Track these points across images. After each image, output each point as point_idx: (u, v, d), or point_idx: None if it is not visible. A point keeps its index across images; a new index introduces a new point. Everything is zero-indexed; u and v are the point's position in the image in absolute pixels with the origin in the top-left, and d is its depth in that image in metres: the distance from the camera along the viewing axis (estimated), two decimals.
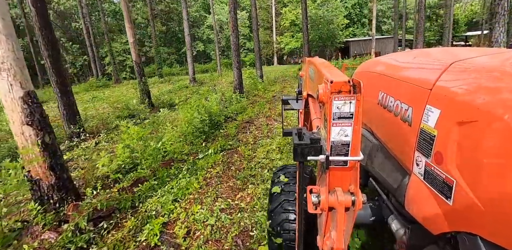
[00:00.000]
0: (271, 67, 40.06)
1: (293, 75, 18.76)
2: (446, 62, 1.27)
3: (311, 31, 32.23)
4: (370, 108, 1.80)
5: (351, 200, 1.01)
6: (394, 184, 1.45)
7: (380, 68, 1.92)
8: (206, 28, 44.17)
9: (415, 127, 1.27)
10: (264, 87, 12.46)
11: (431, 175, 1.15)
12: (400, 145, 1.44)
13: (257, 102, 9.44)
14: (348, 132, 0.98)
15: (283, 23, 38.65)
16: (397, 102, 1.47)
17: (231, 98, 8.88)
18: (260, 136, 5.74)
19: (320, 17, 33.14)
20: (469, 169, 0.96)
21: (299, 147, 1.08)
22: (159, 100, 10.65)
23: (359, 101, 0.94)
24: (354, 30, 43.32)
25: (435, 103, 1.16)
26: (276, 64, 45.35)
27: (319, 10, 33.72)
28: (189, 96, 12.18)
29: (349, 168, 1.05)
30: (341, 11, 35.98)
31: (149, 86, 20.50)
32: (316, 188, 1.17)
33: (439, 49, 1.89)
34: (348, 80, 0.95)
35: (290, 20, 37.06)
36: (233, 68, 10.06)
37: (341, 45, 35.56)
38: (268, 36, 45.02)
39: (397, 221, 1.49)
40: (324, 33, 32.90)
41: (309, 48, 17.33)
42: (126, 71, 41.37)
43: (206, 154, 4.75)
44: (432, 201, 1.13)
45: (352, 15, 43.72)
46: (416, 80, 1.37)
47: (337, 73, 1.15)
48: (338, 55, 38.17)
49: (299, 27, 34.04)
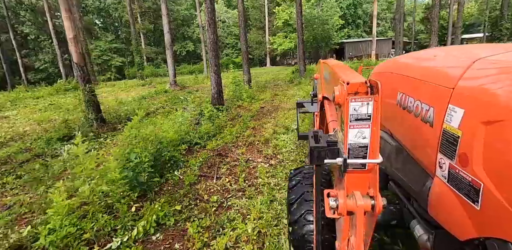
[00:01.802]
0: (264, 68, 37.82)
1: (286, 79, 16.56)
2: (468, 59, 1.20)
3: (305, 31, 30.11)
4: (388, 109, 1.70)
5: (371, 204, 0.95)
6: (416, 188, 1.39)
7: (397, 68, 1.82)
8: (196, 27, 41.70)
9: (437, 127, 1.19)
10: (251, 95, 10.24)
11: (455, 177, 1.08)
12: (422, 146, 1.37)
13: (239, 118, 7.22)
14: (366, 133, 0.93)
15: (276, 23, 36.47)
16: (417, 102, 1.39)
17: (207, 111, 6.67)
18: (232, 188, 3.53)
19: (314, 17, 31.00)
20: (498, 171, 0.89)
21: (316, 150, 1.03)
22: (118, 112, 8.34)
23: (377, 102, 0.89)
24: (349, 31, 41.37)
25: (458, 102, 1.09)
26: (269, 65, 43.18)
27: (313, 10, 31.59)
28: (162, 106, 9.92)
29: (367, 171, 1.00)
30: (337, 11, 33.95)
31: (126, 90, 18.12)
32: (334, 192, 1.09)
33: (459, 46, 1.80)
34: (365, 81, 0.89)
35: (284, 20, 34.89)
36: (209, 73, 7.80)
37: (336, 47, 33.53)
38: (261, 36, 42.79)
39: (420, 226, 1.38)
40: (319, 34, 30.78)
41: (303, 49, 15.20)
42: (112, 71, 38.67)
43: (127, 238, 2.54)
44: (458, 205, 1.06)
45: (347, 15, 41.79)
46: (437, 79, 1.29)
47: (354, 74, 1.11)
48: (333, 56, 36.20)
49: (293, 27, 31.77)
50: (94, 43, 37.70)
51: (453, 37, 26.49)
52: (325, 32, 30.81)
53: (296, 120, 3.08)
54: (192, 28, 43.17)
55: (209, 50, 7.58)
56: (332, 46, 32.83)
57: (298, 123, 2.81)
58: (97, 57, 37.48)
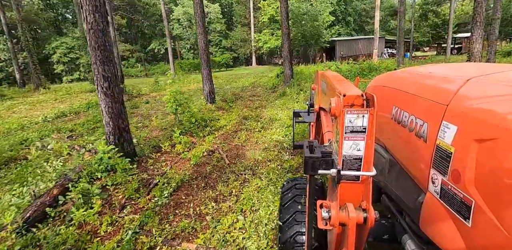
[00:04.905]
0: (248, 68, 33.85)
1: (268, 85, 12.79)
2: (463, 78, 1.22)
3: (293, 27, 26.31)
4: (383, 123, 1.68)
5: (363, 216, 0.94)
6: (409, 202, 1.37)
7: (394, 82, 1.79)
8: (175, 23, 37.27)
9: (431, 143, 1.18)
10: (205, 118, 6.44)
11: (448, 193, 1.07)
12: (415, 161, 1.35)
13: (155, 189, 3.46)
14: (360, 146, 0.93)
15: (262, 19, 32.55)
16: (411, 117, 1.38)
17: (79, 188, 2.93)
18: None
19: (303, 13, 27.25)
20: (489, 189, 0.88)
21: (310, 160, 1.02)
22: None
23: (372, 115, 0.89)
24: (339, 29, 37.84)
25: (451, 119, 1.09)
26: (255, 65, 39.23)
27: (302, 4, 27.80)
28: (60, 138, 6.03)
29: (361, 183, 0.99)
30: (327, 6, 30.25)
31: (64, 98, 13.84)
32: (327, 203, 1.08)
33: (454, 64, 1.82)
34: (362, 94, 0.91)
35: (269, 15, 31.00)
36: (98, 95, 3.90)
37: (326, 45, 29.91)
38: (246, 34, 38.77)
39: (412, 241, 1.36)
40: (308, 31, 27.07)
41: (289, 47, 11.51)
42: (80, 71, 33.98)
43: None
44: (450, 221, 1.05)
45: (337, 12, 38.23)
46: (431, 95, 1.29)
47: (350, 86, 1.11)
48: (322, 56, 32.63)
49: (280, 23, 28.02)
50: (59, 39, 32.92)
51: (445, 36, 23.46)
52: (314, 29, 27.11)
53: (292, 130, 3.11)
54: (171, 24, 38.74)
55: (93, 59, 3.74)
56: (322, 44, 29.18)
57: (294, 133, 2.75)
58: (63, 55, 32.74)
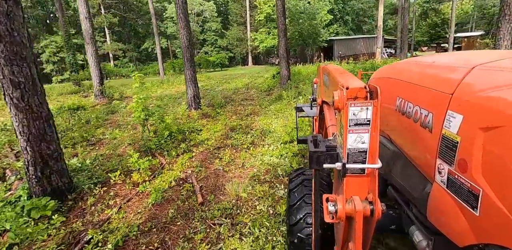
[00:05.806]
0: (244, 68, 32.67)
1: (263, 87, 11.70)
2: (468, 66, 1.17)
3: (289, 26, 25.21)
4: (387, 114, 1.65)
5: (370, 209, 0.92)
6: (415, 193, 1.34)
7: (397, 73, 1.78)
8: (169, 21, 36.01)
9: (436, 133, 1.16)
10: (183, 129, 5.33)
11: (454, 183, 1.05)
12: (421, 152, 1.32)
13: None
14: (365, 138, 0.91)
15: (258, 18, 31.40)
16: (416, 108, 1.35)
17: None
18: None
19: (300, 12, 26.15)
20: (497, 177, 0.87)
21: (315, 154, 1.01)
22: None
23: (376, 107, 0.87)
24: (337, 28, 36.77)
25: (457, 108, 1.06)
26: (251, 64, 38.07)
27: (299, 2, 26.69)
28: None
29: (366, 175, 0.97)
30: (325, 4, 29.17)
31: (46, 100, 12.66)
32: (333, 197, 1.07)
33: (457, 53, 1.78)
34: (365, 86, 0.88)
35: (266, 13, 29.86)
36: (8, 108, 2.76)
37: (324, 44, 28.85)
38: (242, 33, 37.61)
39: (419, 232, 1.34)
40: (305, 30, 25.98)
41: (286, 46, 10.43)
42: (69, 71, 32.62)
43: None
44: (457, 211, 1.03)
45: (335, 11, 37.14)
46: (436, 85, 1.26)
47: (353, 79, 1.08)
48: (320, 55, 31.58)
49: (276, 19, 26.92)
50: (48, 38, 31.51)
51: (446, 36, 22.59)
52: (312, 27, 26.02)
53: (296, 124, 3.07)
54: (166, 23, 37.45)
55: None
56: (320, 43, 28.12)
57: (297, 128, 2.75)
58: (52, 54, 31.35)
